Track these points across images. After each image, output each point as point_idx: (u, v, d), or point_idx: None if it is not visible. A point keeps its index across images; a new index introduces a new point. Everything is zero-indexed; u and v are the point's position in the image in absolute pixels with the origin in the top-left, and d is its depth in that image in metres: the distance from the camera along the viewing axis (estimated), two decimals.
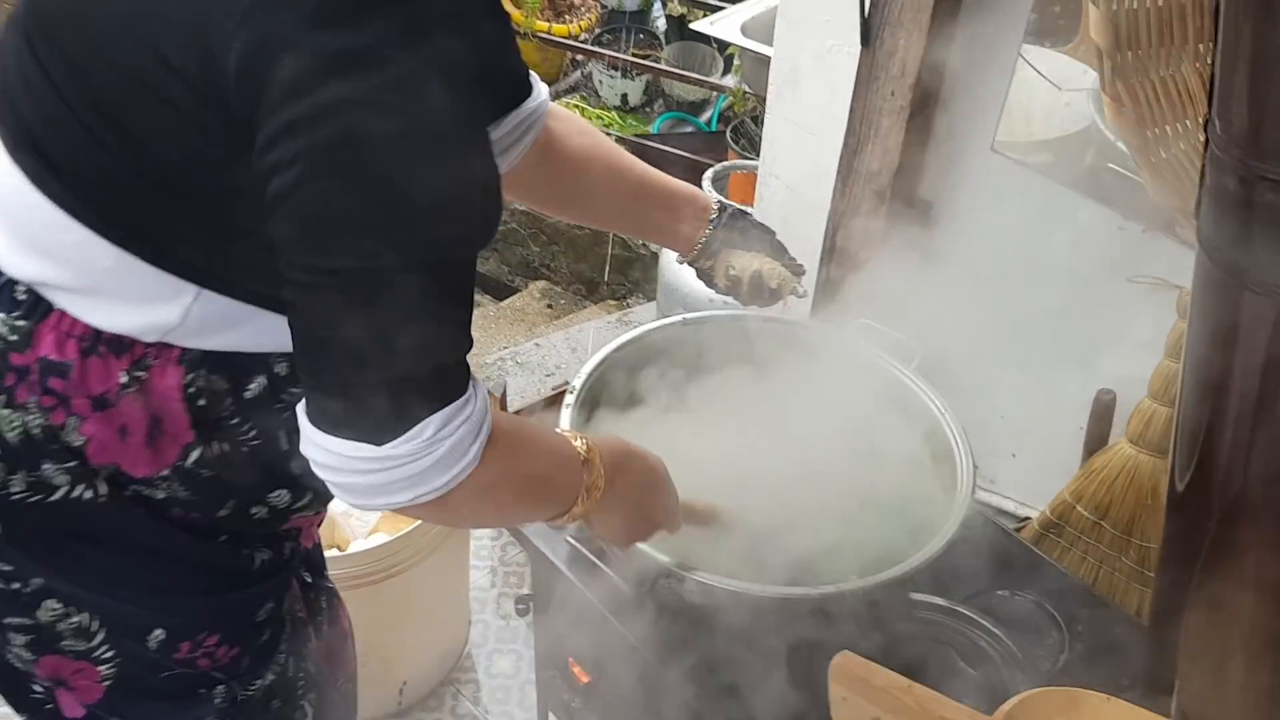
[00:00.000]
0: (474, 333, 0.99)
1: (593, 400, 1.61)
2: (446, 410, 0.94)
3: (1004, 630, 1.51)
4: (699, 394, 1.69)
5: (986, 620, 1.53)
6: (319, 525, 1.39)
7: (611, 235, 3.44)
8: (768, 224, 1.59)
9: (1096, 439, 1.90)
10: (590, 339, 3.05)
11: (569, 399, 1.58)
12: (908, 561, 1.37)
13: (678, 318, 1.74)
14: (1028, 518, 2.13)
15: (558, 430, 1.20)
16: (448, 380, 0.95)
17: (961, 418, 2.16)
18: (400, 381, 0.91)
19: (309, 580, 1.41)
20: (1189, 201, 1.12)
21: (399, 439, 0.91)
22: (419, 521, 2.23)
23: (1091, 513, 1.87)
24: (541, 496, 1.12)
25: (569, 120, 1.45)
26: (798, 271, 1.59)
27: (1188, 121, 1.36)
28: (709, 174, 2.87)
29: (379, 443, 0.91)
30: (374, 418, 0.91)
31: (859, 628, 1.37)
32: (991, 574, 1.60)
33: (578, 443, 1.14)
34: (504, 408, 2.47)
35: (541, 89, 1.33)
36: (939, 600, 1.54)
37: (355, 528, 2.28)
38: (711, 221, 1.52)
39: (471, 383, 0.97)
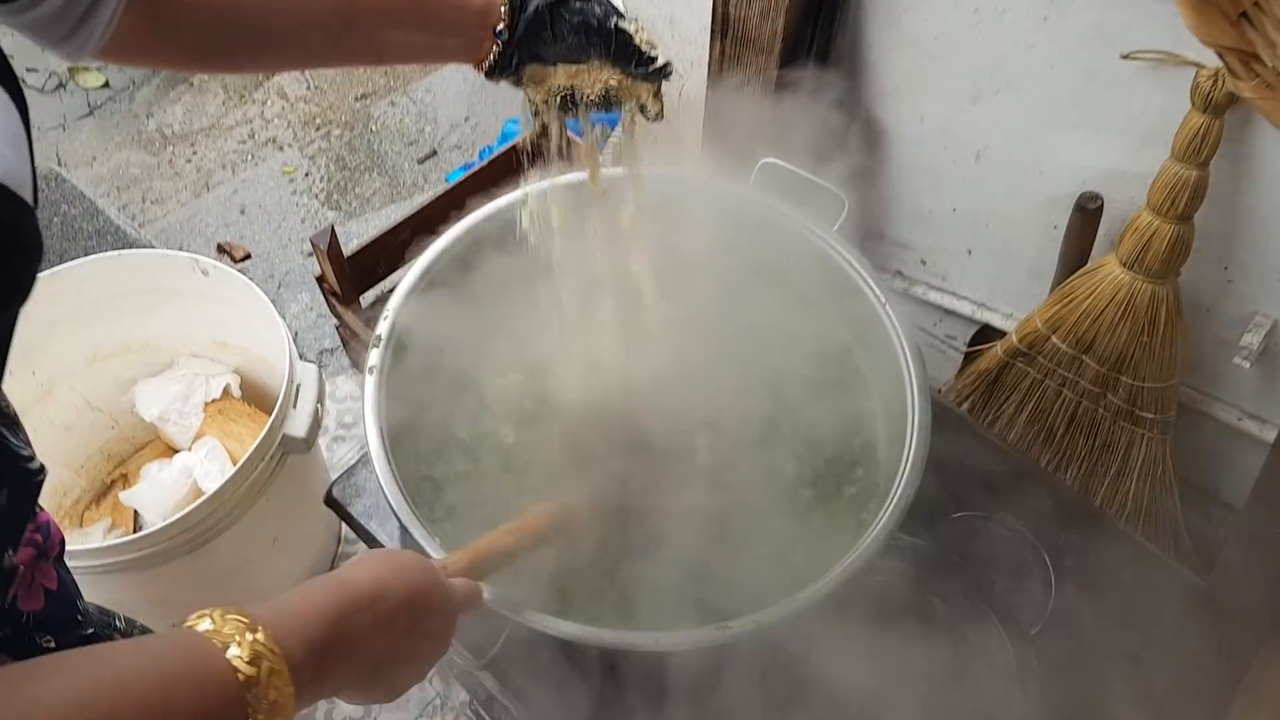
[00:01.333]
0: None
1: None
2: None
3: (975, 577, 1.18)
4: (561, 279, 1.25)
5: (951, 557, 1.19)
6: (36, 564, 0.96)
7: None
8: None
9: (1076, 253, 1.49)
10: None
11: (373, 354, 1.14)
12: (829, 574, 1.00)
13: (517, 194, 1.26)
14: (987, 324, 1.75)
15: (193, 626, 0.65)
16: None
17: (905, 207, 1.74)
18: None
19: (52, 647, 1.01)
20: None
21: None
22: (237, 438, 1.83)
23: (1071, 346, 1.49)
24: None
25: None
26: (652, 77, 1.02)
27: None
28: None
29: None
30: None
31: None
32: (947, 486, 1.23)
33: (236, 648, 0.63)
34: None
35: None
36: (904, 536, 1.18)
37: (179, 437, 1.87)
38: (499, 33, 0.97)
39: None
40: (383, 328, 1.16)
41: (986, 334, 1.75)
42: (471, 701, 1.56)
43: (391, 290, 1.21)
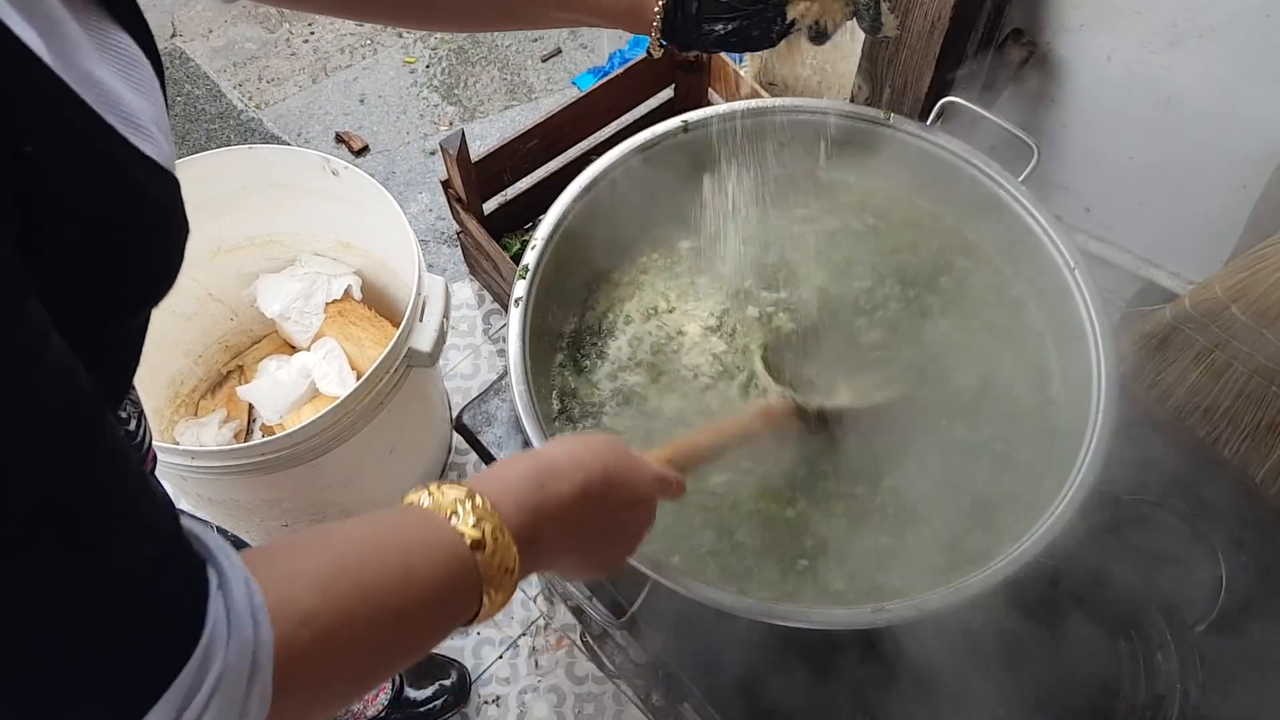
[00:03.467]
0: None
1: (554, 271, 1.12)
2: (175, 689, 0.49)
3: (1135, 567, 1.10)
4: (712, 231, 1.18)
5: (1113, 543, 1.11)
6: None
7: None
8: None
9: (1270, 216, 1.37)
10: None
11: (519, 285, 1.08)
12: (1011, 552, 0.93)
13: (676, 122, 1.18)
14: (1151, 281, 1.64)
15: (415, 503, 0.67)
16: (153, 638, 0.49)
17: (1076, 150, 1.63)
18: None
19: None
20: None
21: None
22: (356, 341, 1.80)
23: (1252, 318, 1.38)
24: (408, 641, 0.64)
25: None
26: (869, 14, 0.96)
27: None
28: None
29: None
30: None
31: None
32: (1114, 466, 1.15)
33: (457, 517, 0.66)
34: None
35: None
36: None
37: (298, 335, 1.85)
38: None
39: (204, 610, 0.51)
40: (530, 258, 1.10)
41: (1150, 292, 1.63)
42: (583, 633, 1.53)
43: (538, 219, 1.15)
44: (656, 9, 0.94)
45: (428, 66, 2.68)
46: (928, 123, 1.19)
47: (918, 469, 1.05)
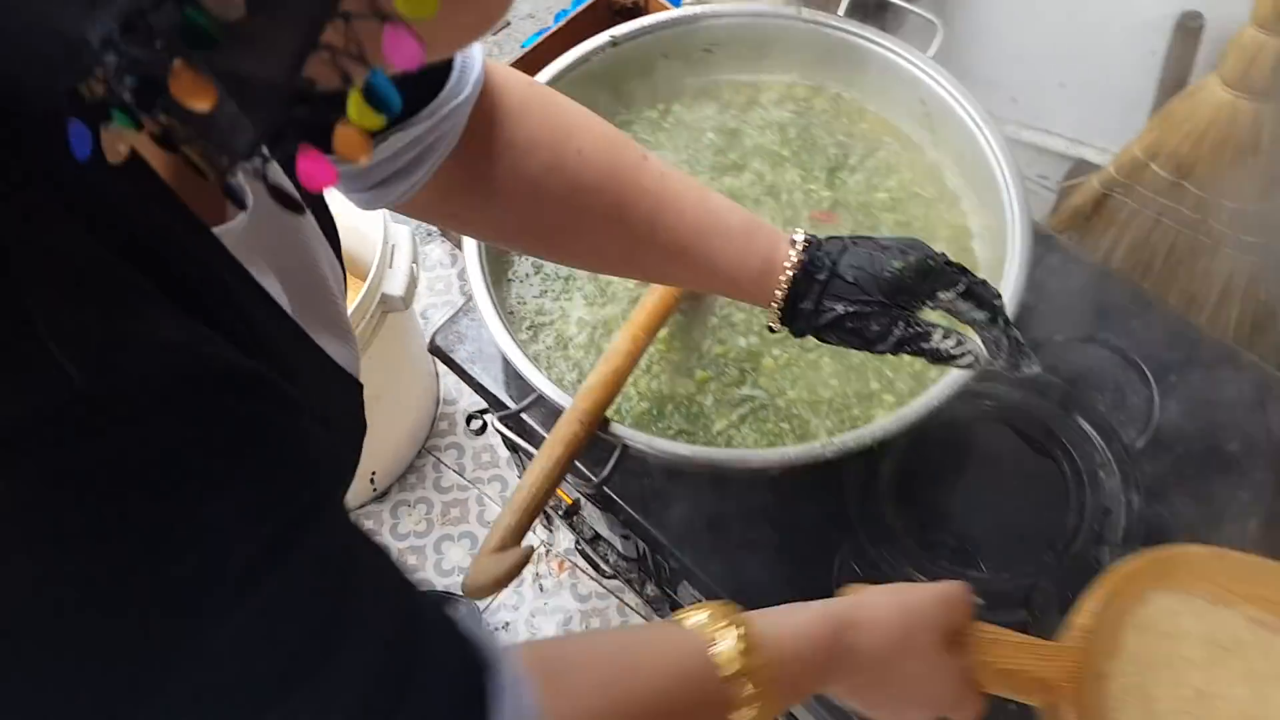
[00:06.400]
0: None
1: None
2: None
3: (1074, 398, 1.18)
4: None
5: (1053, 381, 1.20)
6: None
7: None
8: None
9: (1175, 77, 1.45)
10: None
11: None
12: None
13: (604, 38, 1.26)
14: (1081, 159, 1.72)
15: (680, 622, 0.67)
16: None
17: (994, 41, 1.71)
18: None
19: None
20: None
21: None
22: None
23: (1171, 172, 1.47)
24: None
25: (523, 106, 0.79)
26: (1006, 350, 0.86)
27: None
28: None
29: None
30: None
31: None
32: (1047, 311, 1.24)
33: (722, 643, 0.64)
34: None
35: (469, 63, 0.73)
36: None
37: None
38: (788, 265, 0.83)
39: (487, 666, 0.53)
40: None
41: (1080, 170, 1.72)
42: (578, 542, 1.62)
43: None
44: (784, 278, 0.82)
45: None
46: (839, 13, 1.27)
47: None
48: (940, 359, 0.83)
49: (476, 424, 1.40)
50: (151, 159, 0.45)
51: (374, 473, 1.85)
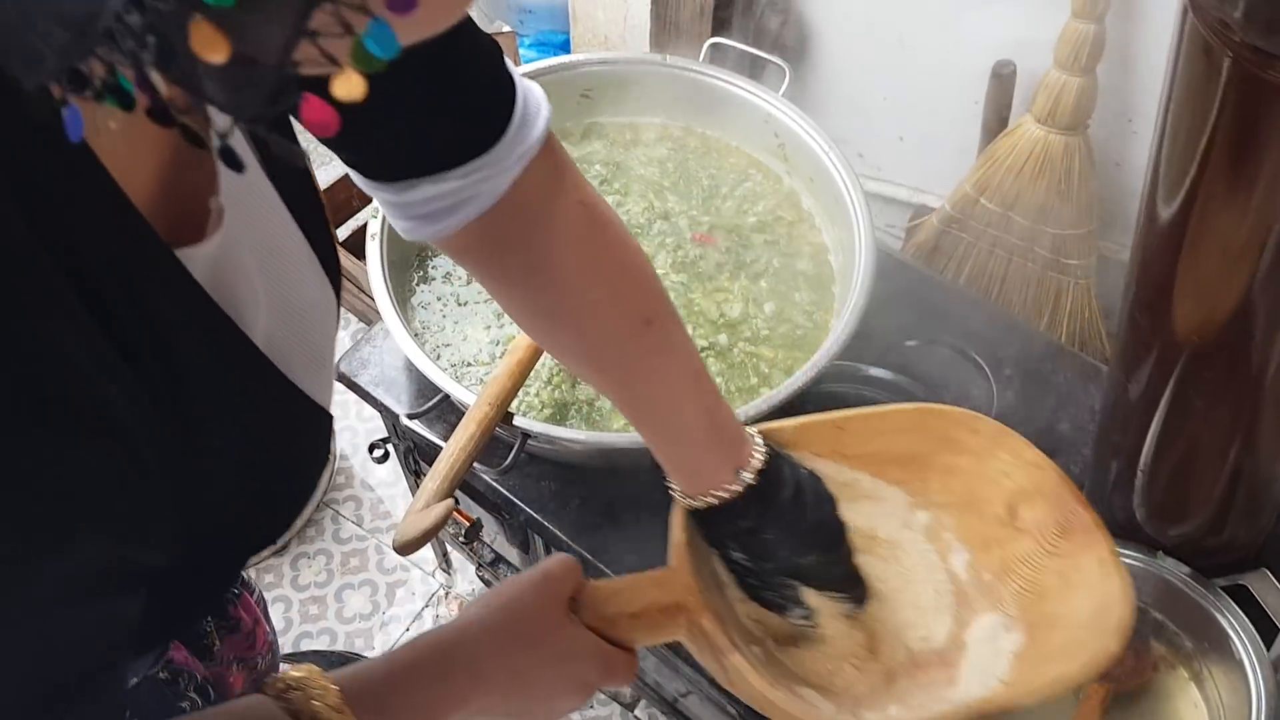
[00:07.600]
0: None
1: None
2: None
3: (924, 392, 1.33)
4: None
5: (904, 381, 1.34)
6: None
7: None
8: None
9: (996, 119, 1.65)
10: None
11: (372, 223, 1.26)
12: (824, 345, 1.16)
13: None
14: (923, 205, 1.91)
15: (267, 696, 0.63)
16: None
17: (840, 102, 1.90)
18: None
19: None
20: None
21: None
22: None
23: (998, 205, 1.65)
24: None
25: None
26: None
27: None
28: None
29: None
30: None
31: None
32: (897, 321, 1.38)
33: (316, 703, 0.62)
34: None
35: (524, 135, 0.73)
36: (848, 364, 1.33)
37: None
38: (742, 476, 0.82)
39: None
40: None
41: (923, 213, 1.90)
42: (479, 568, 1.69)
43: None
44: (726, 494, 0.81)
45: None
46: (699, 60, 1.43)
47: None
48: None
49: (379, 452, 1.47)
50: (125, 181, 0.47)
51: None
